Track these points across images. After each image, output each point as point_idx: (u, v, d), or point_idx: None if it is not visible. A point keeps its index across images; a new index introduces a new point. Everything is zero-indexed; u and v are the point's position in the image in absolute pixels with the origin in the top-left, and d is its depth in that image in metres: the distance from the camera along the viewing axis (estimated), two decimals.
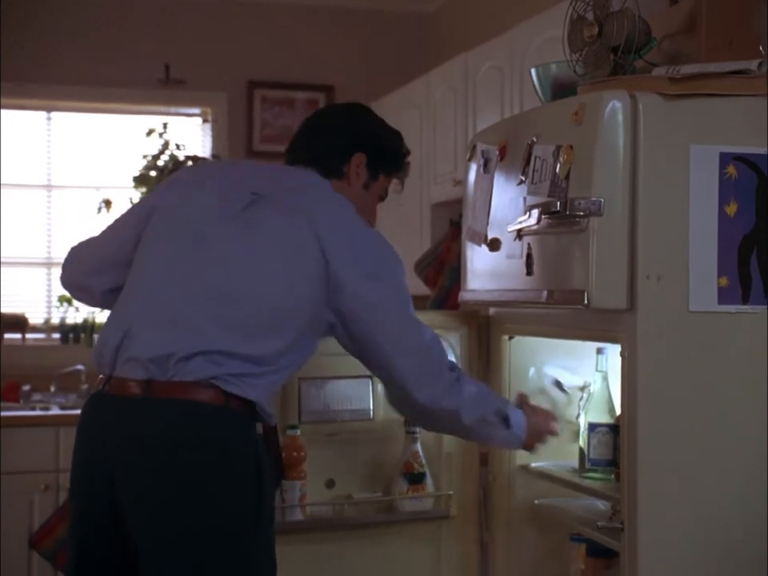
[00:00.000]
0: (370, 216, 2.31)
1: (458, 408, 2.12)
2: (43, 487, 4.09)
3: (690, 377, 2.02)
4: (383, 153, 2.32)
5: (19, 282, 4.79)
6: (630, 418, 2.01)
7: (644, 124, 2.01)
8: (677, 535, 2.00)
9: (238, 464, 1.97)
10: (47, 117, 4.85)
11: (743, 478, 2.02)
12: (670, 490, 2.00)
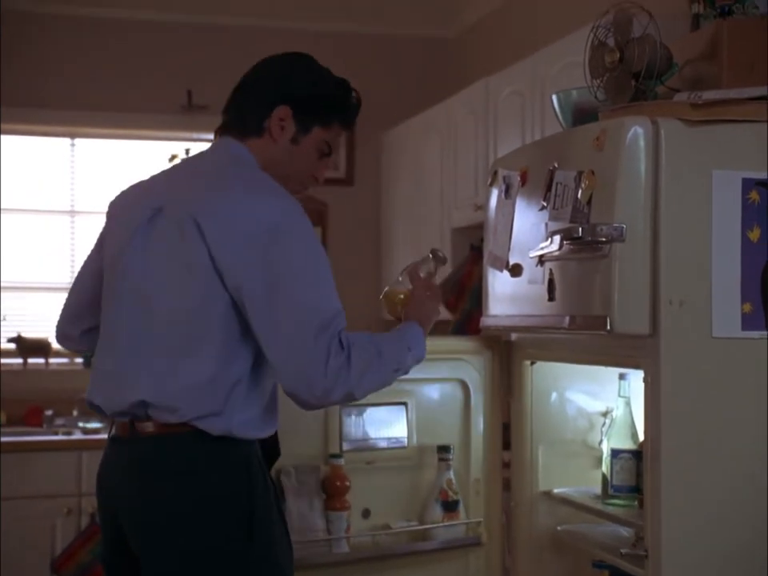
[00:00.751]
0: (305, 172, 2.17)
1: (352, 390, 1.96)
2: (66, 511, 4.11)
3: (713, 403, 2.01)
4: (313, 102, 2.13)
5: (43, 306, 4.81)
6: (654, 444, 2.00)
7: (666, 150, 2.01)
8: (701, 563, 1.98)
9: (219, 489, 1.95)
10: (71, 143, 4.90)
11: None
12: (695, 516, 1.99)
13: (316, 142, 2.14)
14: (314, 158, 2.15)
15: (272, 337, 1.92)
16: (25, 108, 4.71)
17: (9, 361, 4.68)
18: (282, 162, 2.11)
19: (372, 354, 1.97)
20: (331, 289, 1.97)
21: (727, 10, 2.46)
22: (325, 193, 5.05)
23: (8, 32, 4.63)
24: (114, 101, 4.81)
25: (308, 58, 2.21)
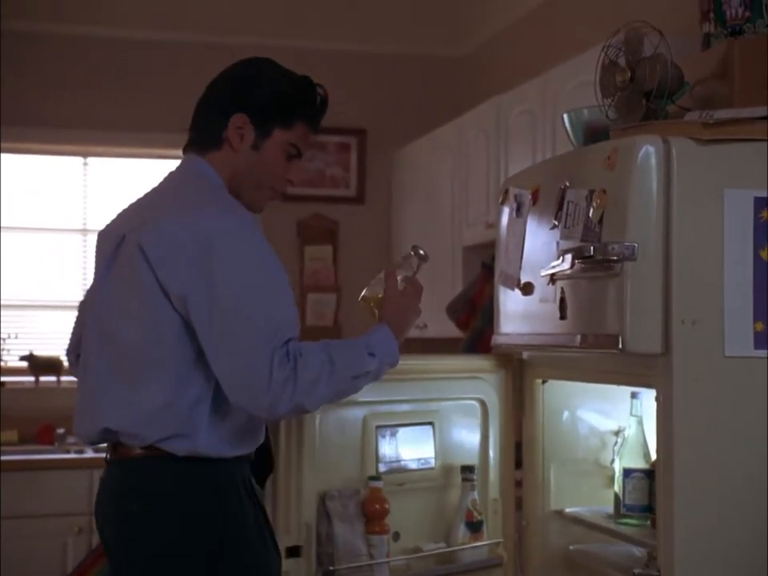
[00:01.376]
0: (276, 177, 2.10)
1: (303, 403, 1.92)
2: (77, 530, 4.10)
3: (726, 422, 2.00)
4: (270, 104, 2.06)
5: (54, 324, 4.83)
6: (666, 463, 1.99)
7: (677, 169, 2.02)
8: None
9: (187, 509, 1.95)
10: (83, 162, 4.92)
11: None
12: (707, 536, 1.98)
13: (280, 145, 2.08)
14: (281, 161, 2.09)
15: (216, 350, 1.91)
16: (37, 127, 4.74)
17: (21, 379, 4.69)
18: (246, 170, 2.06)
19: (322, 364, 1.92)
20: (276, 298, 1.93)
21: (738, 29, 2.46)
22: (336, 211, 5.06)
23: (15, 51, 4.66)
24: (125, 120, 4.83)
25: (263, 61, 2.14)
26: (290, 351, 1.89)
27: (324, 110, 2.15)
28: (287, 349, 1.89)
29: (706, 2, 2.56)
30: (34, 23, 4.70)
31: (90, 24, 4.79)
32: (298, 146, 2.10)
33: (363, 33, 5.08)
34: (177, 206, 1.98)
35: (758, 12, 2.46)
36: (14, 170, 4.84)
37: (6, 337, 4.73)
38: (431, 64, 5.18)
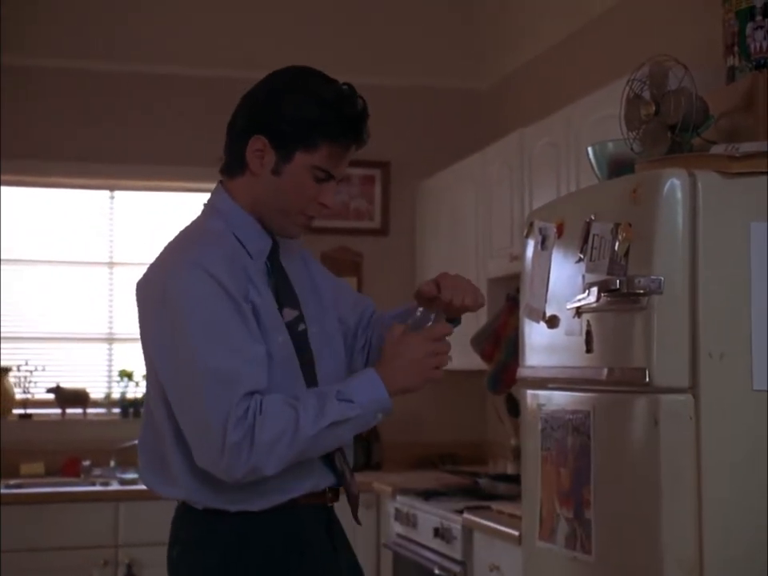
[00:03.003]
0: (301, 204, 1.92)
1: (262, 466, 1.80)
2: (102, 563, 4.10)
3: (754, 456, 1.99)
4: (289, 126, 1.87)
5: (81, 357, 4.85)
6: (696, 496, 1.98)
7: (703, 202, 2.02)
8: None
9: (203, 560, 1.92)
10: (110, 195, 4.96)
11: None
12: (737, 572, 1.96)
13: (303, 169, 1.89)
14: (308, 186, 1.90)
15: (175, 406, 1.84)
16: (63, 161, 4.79)
17: (47, 411, 4.71)
18: (268, 196, 1.91)
19: (286, 423, 1.79)
20: (226, 354, 1.80)
21: (763, 63, 2.47)
22: (360, 243, 5.07)
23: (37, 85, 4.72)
24: (153, 153, 4.87)
25: (290, 75, 1.96)
26: (251, 408, 1.78)
27: (358, 126, 1.92)
28: (248, 405, 1.78)
29: (730, 36, 2.57)
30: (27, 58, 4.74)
31: (119, 61, 4.84)
32: (327, 169, 1.90)
33: (387, 66, 5.11)
34: (163, 251, 1.96)
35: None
36: (42, 203, 4.87)
37: (33, 369, 4.75)
38: (454, 97, 5.21)
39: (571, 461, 2.30)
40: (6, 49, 4.60)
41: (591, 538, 2.19)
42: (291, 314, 1.96)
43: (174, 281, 1.84)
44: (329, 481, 1.99)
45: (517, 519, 3.15)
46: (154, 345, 1.88)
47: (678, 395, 2.01)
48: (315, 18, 5.04)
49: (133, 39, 4.84)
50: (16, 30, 4.64)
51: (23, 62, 4.69)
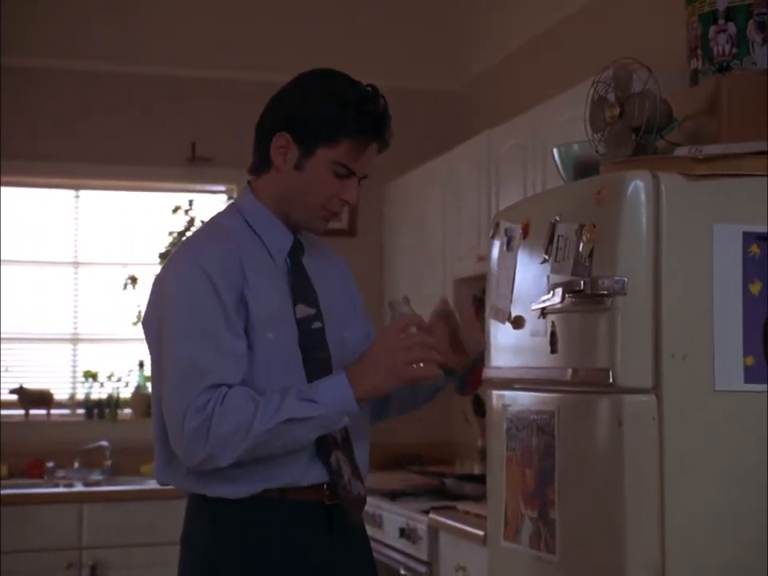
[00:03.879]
0: (322, 199, 1.99)
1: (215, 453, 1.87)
2: (66, 565, 4.07)
3: (716, 456, 2.00)
4: (311, 121, 1.96)
5: (45, 357, 4.81)
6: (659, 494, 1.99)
7: (667, 204, 2.03)
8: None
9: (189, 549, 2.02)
10: (75, 195, 4.92)
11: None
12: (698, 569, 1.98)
13: (324, 164, 1.97)
14: (328, 181, 1.97)
15: (159, 390, 1.96)
16: (27, 161, 4.74)
17: (11, 412, 4.67)
18: (292, 191, 1.99)
19: (245, 417, 1.84)
20: (201, 345, 1.88)
21: (725, 66, 2.49)
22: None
23: (9, 86, 4.67)
24: (118, 153, 4.84)
25: (314, 74, 2.06)
26: (212, 400, 1.85)
27: (380, 126, 2.01)
28: (210, 396, 1.85)
29: (693, 39, 2.59)
30: (26, 58, 4.71)
31: (80, 58, 4.80)
32: (347, 165, 1.98)
33: (355, 67, 5.05)
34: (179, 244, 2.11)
35: (745, 49, 2.49)
36: (6, 203, 4.83)
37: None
38: (422, 98, 5.21)
39: (536, 461, 2.31)
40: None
41: (555, 537, 2.19)
42: (305, 311, 2.01)
43: (171, 273, 1.96)
44: (318, 477, 1.99)
45: (483, 519, 3.16)
46: (148, 332, 1.99)
47: (642, 396, 2.02)
48: (282, 19, 5.02)
49: (100, 39, 4.81)
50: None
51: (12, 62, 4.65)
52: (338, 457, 2.00)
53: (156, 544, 4.13)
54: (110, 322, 4.88)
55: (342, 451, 2.01)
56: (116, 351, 4.87)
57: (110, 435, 4.63)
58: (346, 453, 2.02)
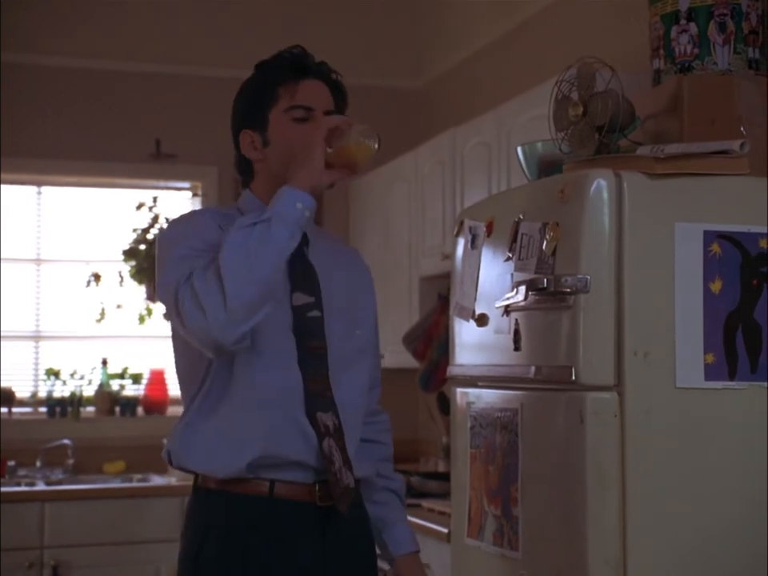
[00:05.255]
0: (301, 145, 1.93)
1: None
2: (27, 564, 4.03)
3: (676, 452, 2.03)
4: (249, 101, 2.06)
5: (7, 355, 4.76)
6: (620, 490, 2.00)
7: (629, 202, 2.05)
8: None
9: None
10: (37, 191, 4.87)
11: (738, 550, 2.02)
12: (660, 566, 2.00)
13: (280, 121, 2.02)
14: (295, 129, 2.00)
15: None
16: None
17: None
18: (277, 166, 2.00)
19: (208, 262, 1.84)
20: (178, 250, 1.91)
21: (687, 66, 2.51)
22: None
23: None
24: (81, 149, 4.80)
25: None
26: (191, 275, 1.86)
27: (301, 60, 2.06)
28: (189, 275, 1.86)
29: (656, 39, 2.61)
30: None
31: (43, 54, 4.76)
32: (297, 105, 2.01)
33: None
34: None
35: (706, 49, 2.51)
36: None
37: None
38: (387, 96, 5.21)
39: (499, 458, 2.32)
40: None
41: (518, 534, 2.21)
42: (303, 298, 2.04)
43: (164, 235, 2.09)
44: (306, 456, 1.97)
45: (447, 517, 3.18)
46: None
47: (604, 393, 2.03)
48: (246, 15, 5.01)
49: (64, 34, 4.77)
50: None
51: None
52: (330, 444, 2.00)
53: (119, 543, 4.12)
54: (72, 320, 4.83)
55: (334, 439, 2.00)
56: (79, 349, 4.83)
57: (72, 433, 4.59)
58: (338, 441, 2.01)
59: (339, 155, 1.92)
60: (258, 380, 1.97)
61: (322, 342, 2.04)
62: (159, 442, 4.56)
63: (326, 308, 2.07)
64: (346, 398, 2.05)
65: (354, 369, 2.10)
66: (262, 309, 1.84)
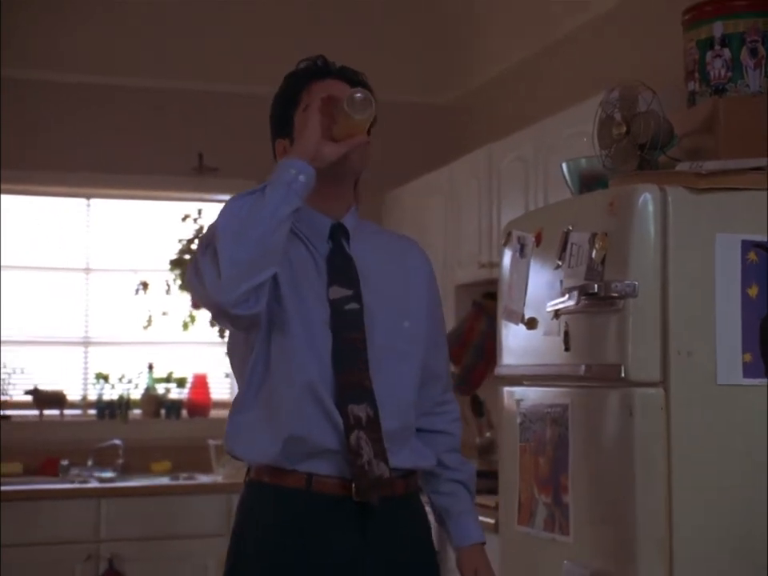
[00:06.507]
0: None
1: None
2: (85, 557, 4.23)
3: (717, 443, 2.21)
4: (279, 109, 2.14)
5: (58, 360, 4.97)
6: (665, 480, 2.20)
7: (673, 214, 2.24)
8: None
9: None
10: (87, 203, 5.09)
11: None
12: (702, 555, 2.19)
13: (300, 122, 2.05)
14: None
15: None
16: (41, 171, 4.91)
17: (26, 412, 4.83)
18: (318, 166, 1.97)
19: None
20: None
21: (721, 88, 2.70)
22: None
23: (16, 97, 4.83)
24: (129, 163, 5.01)
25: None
26: None
27: (323, 63, 2.14)
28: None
29: (691, 63, 2.80)
30: (34, 71, 4.88)
31: (93, 73, 4.97)
32: (321, 97, 2.02)
33: None
34: None
35: (739, 73, 2.70)
36: (20, 211, 5.00)
37: (11, 372, 4.86)
38: (421, 111, 5.39)
39: (549, 450, 2.50)
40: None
41: (569, 520, 2.39)
42: (340, 291, 2.06)
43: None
44: (334, 445, 1.99)
45: (487, 509, 3.36)
46: None
47: (650, 389, 2.22)
48: (285, 33, 5.17)
49: (115, 53, 4.97)
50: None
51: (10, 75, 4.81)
52: (359, 436, 1.99)
53: (169, 537, 4.31)
54: (120, 326, 5.04)
55: (365, 431, 2.00)
56: (127, 354, 5.04)
57: (120, 435, 4.80)
58: (370, 433, 2.00)
59: (340, 127, 1.96)
60: (291, 371, 2.00)
61: (359, 334, 2.05)
62: (203, 443, 4.78)
63: (368, 300, 2.08)
64: (390, 390, 2.06)
65: (402, 361, 2.10)
66: (259, 271, 1.86)
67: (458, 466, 2.28)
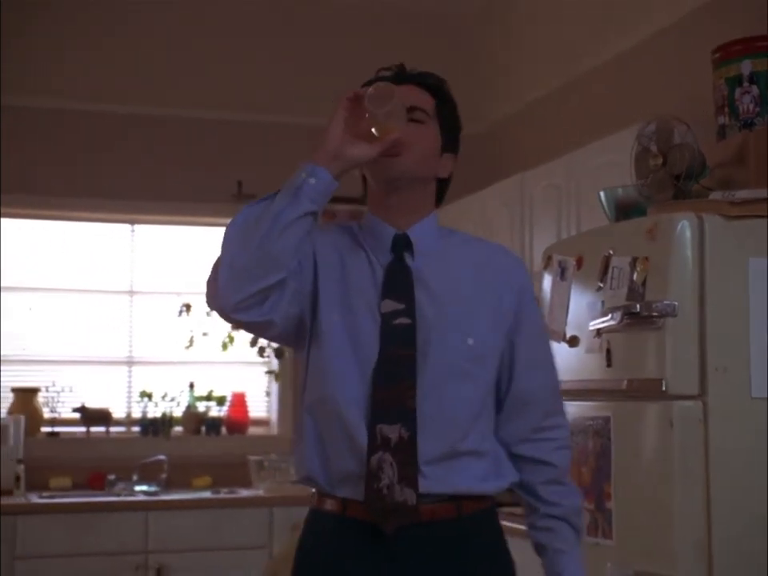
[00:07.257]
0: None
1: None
2: (134, 567, 4.40)
3: (753, 452, 2.39)
4: None
5: (103, 378, 5.17)
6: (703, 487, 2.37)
7: (709, 240, 2.43)
8: None
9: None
10: (131, 229, 5.29)
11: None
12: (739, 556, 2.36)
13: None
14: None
15: None
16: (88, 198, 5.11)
17: (73, 429, 5.02)
18: (369, 175, 1.96)
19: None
20: None
21: (750, 122, 2.89)
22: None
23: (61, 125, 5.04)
24: (169, 190, 5.20)
25: None
26: None
27: (396, 69, 2.12)
28: None
29: (720, 99, 2.99)
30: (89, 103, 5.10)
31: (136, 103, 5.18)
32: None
33: None
34: None
35: (766, 108, 2.89)
36: (71, 237, 5.20)
37: (60, 390, 5.06)
38: None
39: (592, 461, 2.68)
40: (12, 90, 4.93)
41: (612, 525, 2.57)
42: (392, 305, 1.91)
43: None
44: (353, 468, 1.87)
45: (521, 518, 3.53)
46: None
47: (689, 402, 2.40)
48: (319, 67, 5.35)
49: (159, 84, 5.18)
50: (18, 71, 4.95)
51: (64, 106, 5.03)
52: (382, 458, 1.85)
53: (213, 549, 4.48)
54: (162, 346, 5.24)
55: (392, 453, 1.84)
56: (169, 373, 5.23)
57: (163, 451, 4.97)
58: (398, 455, 1.85)
59: (370, 127, 1.84)
60: (327, 390, 1.91)
61: (409, 350, 1.88)
62: (242, 459, 4.95)
63: (429, 315, 1.91)
64: (439, 411, 1.88)
65: (462, 380, 1.90)
66: (261, 277, 1.78)
67: (557, 500, 1.98)
